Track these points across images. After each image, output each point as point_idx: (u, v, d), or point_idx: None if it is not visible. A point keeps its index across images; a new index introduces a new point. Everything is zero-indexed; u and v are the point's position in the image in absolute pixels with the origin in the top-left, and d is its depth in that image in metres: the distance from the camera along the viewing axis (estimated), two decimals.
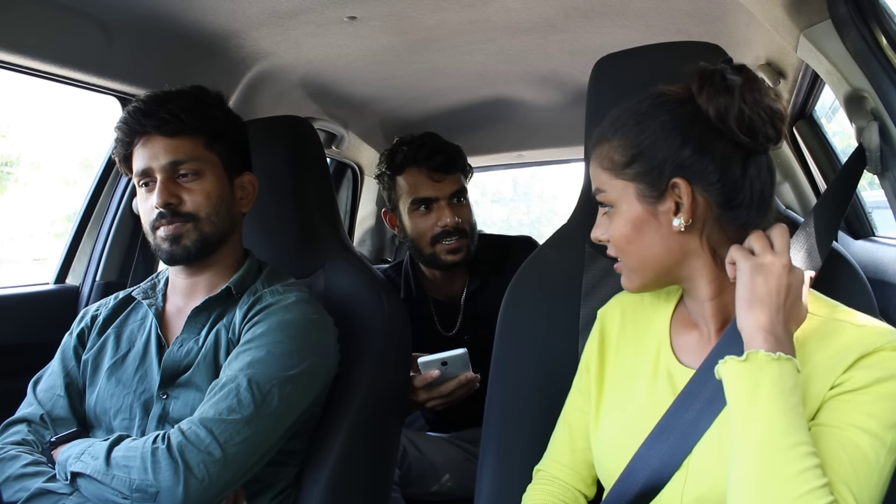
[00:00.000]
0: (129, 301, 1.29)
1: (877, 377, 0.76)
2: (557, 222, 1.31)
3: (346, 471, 1.22)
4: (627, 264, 0.90)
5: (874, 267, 1.54)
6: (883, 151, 1.06)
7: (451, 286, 1.81)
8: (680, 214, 0.84)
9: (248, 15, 1.50)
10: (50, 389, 1.21)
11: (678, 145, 0.83)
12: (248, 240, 1.31)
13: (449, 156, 1.72)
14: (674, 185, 0.83)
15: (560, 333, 1.15)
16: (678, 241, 0.85)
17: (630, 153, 0.86)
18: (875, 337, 0.79)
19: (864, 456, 0.74)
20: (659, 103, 0.86)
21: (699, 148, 0.83)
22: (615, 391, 0.96)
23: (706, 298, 0.88)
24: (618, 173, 0.87)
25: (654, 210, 0.85)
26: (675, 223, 0.84)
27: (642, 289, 0.91)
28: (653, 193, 0.85)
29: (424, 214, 1.71)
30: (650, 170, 0.84)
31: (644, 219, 0.86)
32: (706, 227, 0.85)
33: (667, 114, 0.84)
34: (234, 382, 1.07)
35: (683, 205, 0.83)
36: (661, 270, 0.88)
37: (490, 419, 1.18)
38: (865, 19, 1.03)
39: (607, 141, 0.88)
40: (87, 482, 1.03)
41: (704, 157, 0.83)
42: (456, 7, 1.55)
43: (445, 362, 1.48)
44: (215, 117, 1.22)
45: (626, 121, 0.87)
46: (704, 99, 0.82)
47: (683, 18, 1.63)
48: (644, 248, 0.87)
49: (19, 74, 1.34)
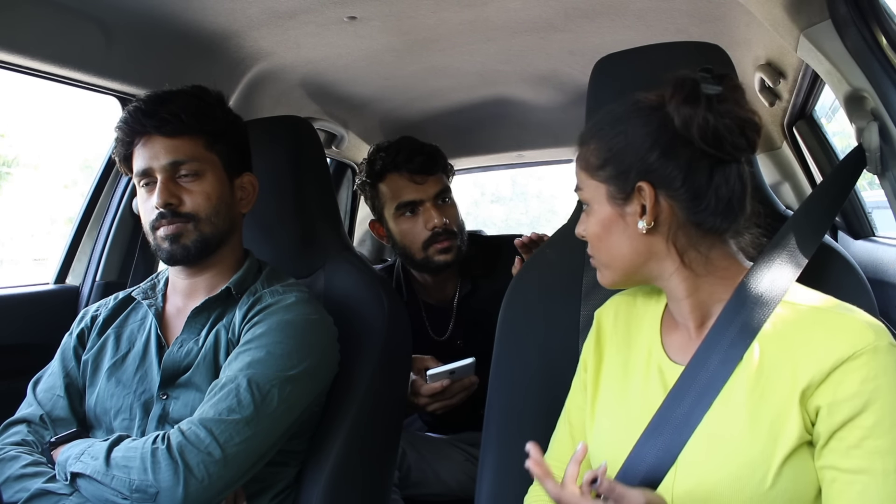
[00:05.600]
0: (128, 301, 1.29)
1: (864, 400, 0.76)
2: (557, 222, 1.31)
3: (345, 471, 1.22)
4: (599, 260, 0.94)
5: (874, 267, 1.54)
6: (883, 151, 1.06)
7: (443, 290, 1.79)
8: (644, 217, 0.87)
9: (248, 15, 1.50)
10: (50, 390, 1.21)
11: (645, 150, 0.86)
12: (248, 240, 1.31)
13: (428, 157, 1.70)
14: (639, 188, 0.87)
15: (560, 333, 1.15)
16: (644, 242, 0.89)
17: (603, 156, 0.90)
18: (856, 337, 0.79)
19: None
20: (634, 109, 0.89)
21: (665, 154, 0.86)
22: (610, 389, 0.97)
23: (681, 297, 0.91)
24: (592, 174, 0.91)
25: (622, 211, 0.89)
26: (639, 225, 0.88)
27: (614, 285, 0.95)
28: (620, 195, 0.88)
29: (411, 219, 1.70)
30: (619, 173, 0.88)
31: (612, 219, 0.90)
32: (671, 231, 0.88)
33: (639, 120, 0.88)
34: (234, 383, 1.07)
35: (647, 207, 0.87)
36: (629, 269, 0.92)
37: (490, 419, 1.18)
38: (865, 19, 1.03)
39: (586, 143, 0.93)
40: (87, 482, 1.03)
41: (669, 162, 0.86)
42: (456, 7, 1.55)
43: (454, 372, 1.48)
44: (216, 118, 1.22)
45: (603, 125, 0.91)
46: (672, 107, 0.86)
47: (683, 18, 1.63)
48: (612, 247, 0.91)
49: (19, 74, 1.34)
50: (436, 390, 1.48)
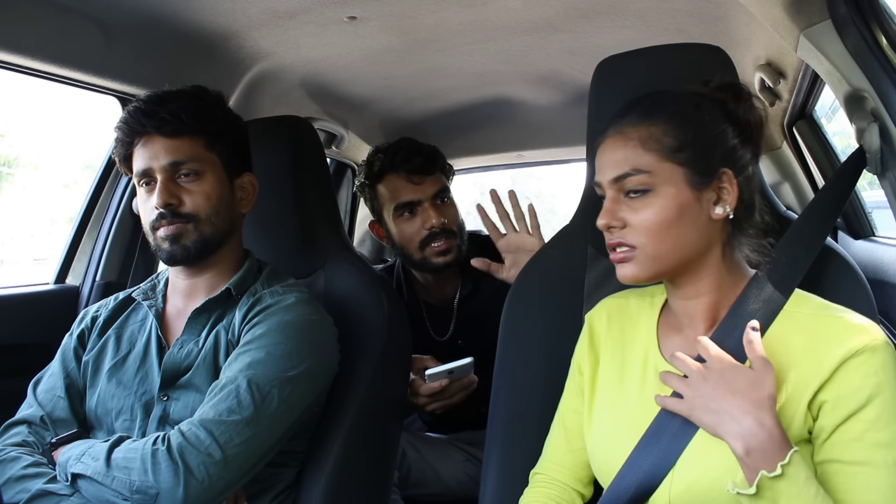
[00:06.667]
0: (129, 302, 1.29)
1: (867, 394, 0.78)
2: (557, 222, 1.31)
3: (345, 471, 1.22)
4: (650, 251, 0.87)
5: (874, 267, 1.54)
6: (883, 152, 1.06)
7: (443, 290, 1.79)
8: (722, 203, 0.87)
9: (248, 15, 1.50)
10: (50, 391, 1.21)
11: (728, 137, 0.88)
12: (248, 240, 1.31)
13: (426, 157, 1.70)
14: (723, 173, 0.87)
15: (563, 334, 1.15)
16: (711, 229, 0.88)
17: (682, 138, 0.87)
18: (856, 336, 0.80)
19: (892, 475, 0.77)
20: (705, 99, 0.90)
21: (743, 143, 0.89)
22: (607, 393, 0.97)
23: (704, 292, 0.90)
24: (668, 155, 0.87)
25: (700, 196, 0.87)
26: (717, 210, 0.87)
27: (650, 278, 0.89)
28: (702, 180, 0.87)
29: (409, 219, 1.70)
30: (702, 156, 0.87)
31: (689, 204, 0.86)
32: (732, 220, 0.89)
33: (716, 108, 0.89)
34: (234, 383, 1.07)
35: (730, 193, 0.87)
36: (684, 258, 0.88)
37: (495, 419, 1.18)
38: (865, 19, 1.03)
39: (653, 123, 0.88)
40: (88, 483, 1.03)
41: (747, 151, 0.90)
42: (456, 7, 1.55)
43: (452, 371, 1.48)
44: (216, 118, 1.22)
45: (679, 107, 0.89)
46: (744, 109, 0.90)
47: (683, 18, 1.63)
48: (682, 234, 0.86)
49: (19, 74, 1.34)
50: (434, 390, 1.48)
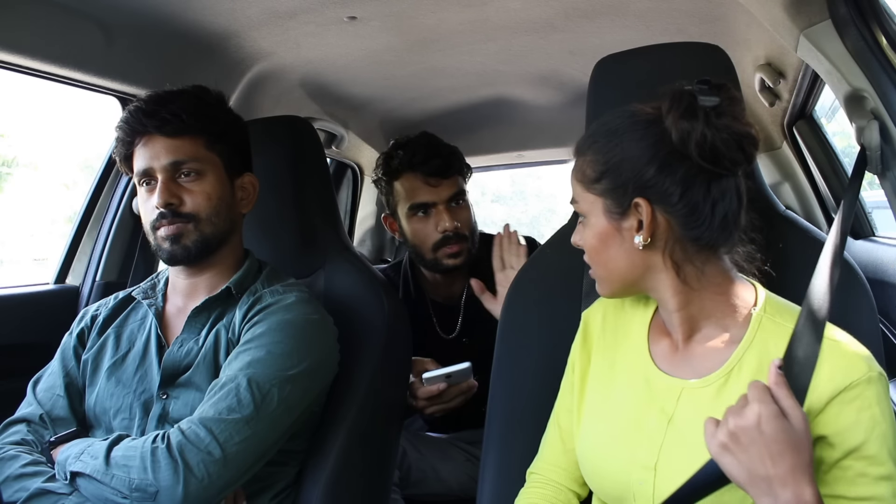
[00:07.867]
0: (128, 301, 1.29)
1: (864, 428, 0.77)
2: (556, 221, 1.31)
3: (345, 471, 1.22)
4: (596, 273, 0.94)
5: (874, 267, 1.54)
6: (883, 151, 1.06)
7: (451, 288, 1.80)
8: (640, 232, 0.86)
9: (248, 15, 1.50)
10: (49, 389, 1.21)
11: (643, 165, 0.85)
12: (248, 240, 1.31)
13: (445, 160, 1.70)
14: (636, 204, 0.85)
15: (561, 333, 1.15)
16: (641, 256, 0.88)
17: (600, 169, 0.88)
18: (851, 368, 0.79)
19: None
20: (631, 122, 0.87)
21: (662, 169, 0.84)
22: (596, 393, 0.98)
23: (672, 310, 0.90)
24: (588, 187, 0.90)
25: (619, 226, 0.88)
26: (636, 241, 0.87)
27: (612, 295, 0.95)
28: (617, 210, 0.87)
29: (423, 219, 1.70)
30: (616, 187, 0.87)
31: (609, 233, 0.89)
32: (668, 245, 0.87)
33: (636, 133, 0.86)
34: (234, 382, 1.07)
35: (644, 224, 0.85)
36: (626, 282, 0.91)
37: (492, 419, 1.18)
38: (865, 19, 1.03)
39: (582, 154, 0.91)
40: (87, 482, 1.03)
41: (667, 178, 0.84)
42: (456, 7, 1.55)
43: (450, 376, 1.48)
44: (216, 118, 1.22)
45: (599, 137, 0.89)
46: (670, 122, 0.83)
47: (683, 18, 1.63)
48: (609, 261, 0.90)
49: (19, 74, 1.34)
50: (432, 393, 1.48)
